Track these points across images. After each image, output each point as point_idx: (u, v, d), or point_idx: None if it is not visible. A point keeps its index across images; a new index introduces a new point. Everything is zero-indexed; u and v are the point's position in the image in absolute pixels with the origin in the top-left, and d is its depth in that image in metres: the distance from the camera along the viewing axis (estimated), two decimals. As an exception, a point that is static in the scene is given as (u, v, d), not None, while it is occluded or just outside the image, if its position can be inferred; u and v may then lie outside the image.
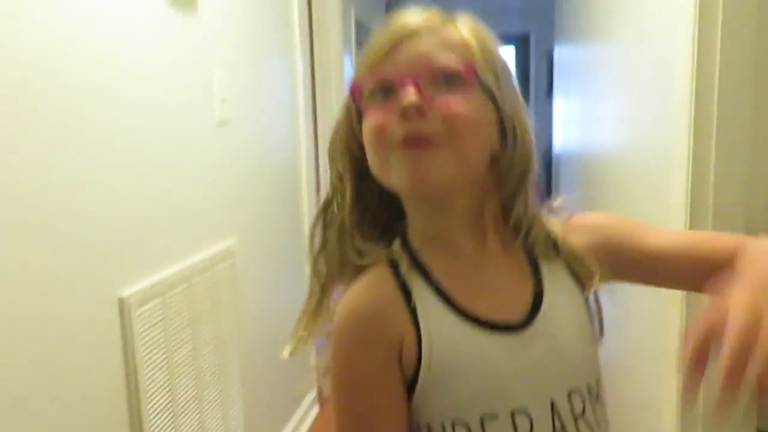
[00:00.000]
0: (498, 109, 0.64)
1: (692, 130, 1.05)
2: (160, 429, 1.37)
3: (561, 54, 3.41)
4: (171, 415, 1.42)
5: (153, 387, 1.34)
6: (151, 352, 1.34)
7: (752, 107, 1.02)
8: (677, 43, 1.13)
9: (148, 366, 1.33)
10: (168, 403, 1.40)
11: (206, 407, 1.59)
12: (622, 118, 1.69)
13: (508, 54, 7.10)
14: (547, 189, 6.59)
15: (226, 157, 1.76)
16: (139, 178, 1.34)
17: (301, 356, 2.66)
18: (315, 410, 2.62)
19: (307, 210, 2.52)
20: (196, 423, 1.54)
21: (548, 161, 6.70)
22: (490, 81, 0.63)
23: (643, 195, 1.41)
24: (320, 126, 3.19)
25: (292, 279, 2.38)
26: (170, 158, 1.46)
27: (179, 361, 1.46)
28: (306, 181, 2.49)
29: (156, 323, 1.36)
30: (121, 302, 1.25)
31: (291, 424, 2.33)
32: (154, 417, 1.35)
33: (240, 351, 1.80)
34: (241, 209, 1.87)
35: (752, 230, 1.01)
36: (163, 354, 1.39)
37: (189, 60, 1.56)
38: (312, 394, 2.60)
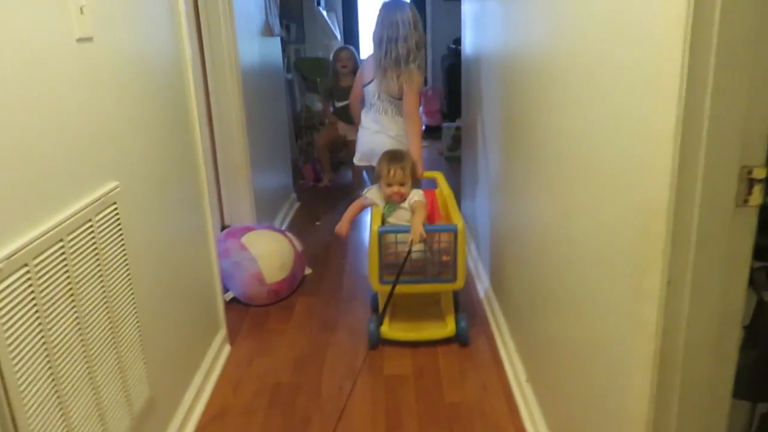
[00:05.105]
0: None
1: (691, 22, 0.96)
2: (44, 421, 1.15)
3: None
4: (56, 403, 1.19)
5: (29, 377, 1.11)
6: (20, 336, 1.09)
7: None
8: None
9: (18, 353, 1.08)
10: (51, 389, 1.18)
11: (101, 380, 1.37)
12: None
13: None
14: (448, 93, 6.35)
15: (92, 82, 1.43)
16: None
17: (207, 297, 2.39)
18: (226, 350, 2.45)
19: (200, 137, 2.21)
20: (91, 400, 1.32)
21: (450, 64, 6.44)
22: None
23: (607, 100, 1.27)
24: (205, 33, 2.80)
25: (188, 213, 2.12)
26: (13, 90, 1.13)
27: (59, 338, 1.21)
28: (196, 102, 2.17)
29: (22, 300, 1.10)
30: (-32, 284, 0.98)
31: (201, 371, 2.15)
32: (35, 410, 1.12)
33: (137, 307, 1.57)
34: (121, 145, 1.56)
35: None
36: (38, 334, 1.14)
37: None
38: (221, 334, 2.42)
